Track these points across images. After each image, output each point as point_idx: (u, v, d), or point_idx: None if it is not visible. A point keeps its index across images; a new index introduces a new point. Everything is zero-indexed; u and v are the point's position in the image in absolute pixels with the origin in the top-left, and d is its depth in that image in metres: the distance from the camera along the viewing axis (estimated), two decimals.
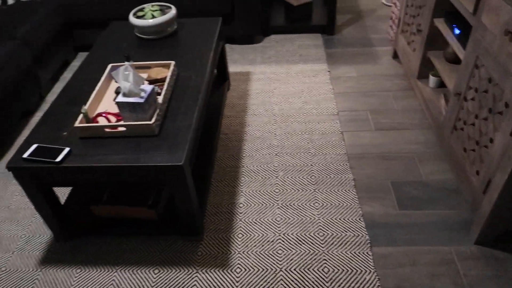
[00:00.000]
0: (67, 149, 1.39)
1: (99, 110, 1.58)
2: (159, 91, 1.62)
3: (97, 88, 1.60)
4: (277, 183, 1.81)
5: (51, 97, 2.49)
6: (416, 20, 2.16)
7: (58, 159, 1.35)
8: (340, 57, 2.64)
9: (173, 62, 1.71)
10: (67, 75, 2.69)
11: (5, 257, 1.61)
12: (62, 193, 1.85)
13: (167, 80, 1.61)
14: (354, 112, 2.18)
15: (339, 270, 1.46)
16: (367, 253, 1.50)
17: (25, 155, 1.38)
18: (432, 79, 2.05)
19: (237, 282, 1.45)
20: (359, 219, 1.63)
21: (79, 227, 1.63)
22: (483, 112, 1.43)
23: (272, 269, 1.48)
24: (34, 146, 1.41)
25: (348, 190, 1.75)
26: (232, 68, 2.60)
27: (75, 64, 2.80)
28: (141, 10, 2.07)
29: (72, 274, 1.52)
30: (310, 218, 1.65)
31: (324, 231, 1.59)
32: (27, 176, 1.39)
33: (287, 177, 1.83)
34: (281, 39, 2.88)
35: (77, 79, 1.79)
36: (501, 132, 1.30)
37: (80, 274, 1.52)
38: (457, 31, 1.73)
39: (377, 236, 1.57)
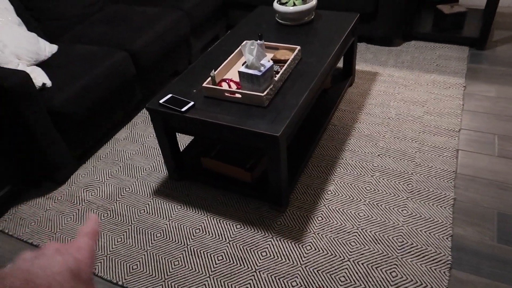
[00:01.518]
0: (192, 103, 1.65)
1: (225, 77, 1.82)
2: (279, 70, 1.78)
3: (229, 58, 1.84)
4: (371, 182, 1.81)
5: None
6: None
7: (183, 109, 1.62)
8: (483, 74, 2.42)
9: (298, 47, 1.85)
10: None
11: (131, 181, 1.99)
12: (184, 142, 2.18)
13: (288, 62, 1.75)
14: (480, 133, 2.01)
15: (407, 278, 1.43)
16: (444, 272, 1.43)
17: (161, 101, 1.69)
18: None
19: (305, 258, 1.54)
20: (447, 238, 1.54)
21: (189, 172, 1.91)
22: None
23: (340, 256, 1.53)
24: (169, 95, 1.72)
25: (444, 208, 1.65)
26: (361, 66, 2.62)
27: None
28: None
29: (173, 208, 1.81)
30: (394, 222, 1.62)
31: (404, 238, 1.56)
32: (159, 118, 1.70)
33: (382, 179, 1.82)
34: (421, 46, 2.76)
35: (217, 49, 2.06)
36: None
37: (179, 210, 1.80)
38: None
39: (461, 260, 1.47)
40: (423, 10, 3.07)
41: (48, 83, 1.92)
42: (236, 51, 1.90)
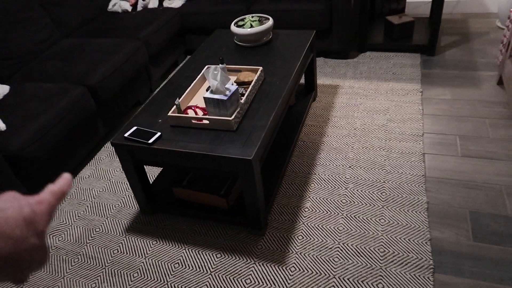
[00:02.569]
0: (158, 134, 1.61)
1: (190, 104, 1.79)
2: (244, 92, 1.77)
3: (192, 84, 1.82)
4: (346, 194, 1.82)
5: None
6: None
7: (150, 141, 1.57)
8: (437, 78, 2.53)
9: (260, 68, 1.85)
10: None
11: (101, 220, 1.89)
12: (153, 173, 2.11)
13: (253, 83, 1.75)
14: (442, 136, 2.08)
15: None
16: (428, 277, 1.44)
17: (126, 134, 1.63)
18: None
19: (290, 280, 1.51)
20: (426, 242, 1.56)
21: (162, 204, 1.85)
22: None
23: (325, 274, 1.51)
24: (134, 128, 1.66)
25: (419, 212, 1.68)
26: (322, 81, 2.67)
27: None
28: (242, 20, 2.26)
29: (149, 244, 1.74)
30: (373, 233, 1.63)
31: (385, 248, 1.57)
32: (125, 152, 1.64)
33: (357, 190, 1.83)
34: (376, 56, 2.86)
35: (178, 76, 2.03)
36: None
37: (155, 245, 1.72)
38: None
39: (442, 263, 1.49)
40: (374, 22, 3.20)
41: (2, 126, 1.82)
42: (199, 76, 1.88)
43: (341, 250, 1.59)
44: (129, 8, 3.11)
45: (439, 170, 1.88)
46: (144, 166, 2.07)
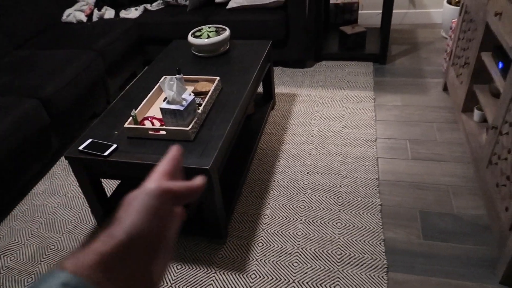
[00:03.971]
0: (114, 146, 1.59)
1: (147, 115, 1.78)
2: (201, 102, 1.78)
3: (148, 95, 1.81)
4: (304, 200, 1.86)
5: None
6: (465, 53, 2.14)
7: (106, 153, 1.55)
8: (388, 85, 2.66)
9: (218, 78, 1.88)
10: None
11: (56, 237, 1.83)
12: (111, 186, 2.07)
13: (210, 93, 1.77)
14: (393, 140, 2.18)
15: None
16: (382, 277, 1.50)
17: (81, 147, 1.60)
18: (476, 113, 2.01)
19: (251, 287, 1.52)
20: (380, 243, 1.63)
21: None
22: None
23: (285, 280, 1.53)
24: (89, 141, 1.63)
25: (373, 214, 1.75)
26: (280, 89, 2.73)
27: None
28: (199, 30, 2.28)
29: None
30: (331, 237, 1.68)
31: (342, 250, 1.62)
32: (80, 165, 1.61)
33: (314, 196, 1.88)
34: (332, 65, 2.96)
35: (135, 87, 2.02)
36: None
37: None
38: (500, 65, 1.70)
39: (395, 262, 1.56)
40: (329, 32, 3.31)
41: None
42: (156, 87, 1.88)
43: (300, 254, 1.62)
44: (84, 19, 3.05)
45: (391, 173, 1.97)
46: (101, 179, 2.03)
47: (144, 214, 0.35)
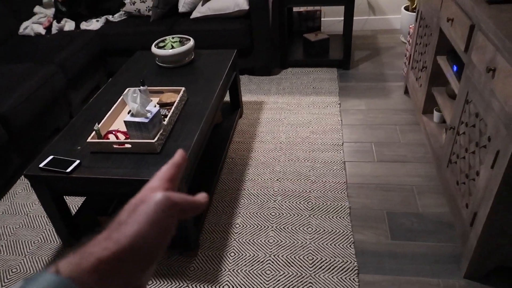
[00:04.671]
0: (77, 161, 1.54)
1: (111, 128, 1.74)
2: (166, 113, 1.76)
3: (112, 108, 1.77)
4: (275, 207, 1.87)
5: None
6: (423, 57, 2.23)
7: (69, 169, 1.50)
8: (352, 90, 2.72)
9: (183, 88, 1.86)
10: None
11: (18, 260, 1.75)
12: (76, 203, 2.00)
13: (175, 104, 1.75)
14: (359, 144, 2.23)
15: None
16: (353, 279, 1.52)
17: (41, 165, 1.54)
18: (436, 114, 2.09)
19: None
20: (350, 246, 1.65)
21: (87, 236, 1.75)
22: (472, 146, 1.46)
23: None
24: (50, 157, 1.58)
25: (343, 218, 1.78)
26: (247, 98, 2.74)
27: None
28: (163, 41, 2.26)
29: None
30: (302, 242, 1.69)
31: (313, 255, 1.63)
32: (41, 183, 1.54)
33: (285, 202, 1.89)
34: (297, 72, 3.01)
35: (98, 100, 1.97)
36: (484, 165, 1.33)
37: None
38: (455, 68, 1.78)
39: (365, 264, 1.58)
40: (293, 40, 3.36)
41: None
42: (119, 100, 1.84)
43: (273, 262, 1.62)
44: (43, 31, 2.96)
45: (358, 176, 2.01)
46: (65, 196, 1.96)
47: (150, 223, 0.34)
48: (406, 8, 3.19)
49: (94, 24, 3.01)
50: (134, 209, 0.36)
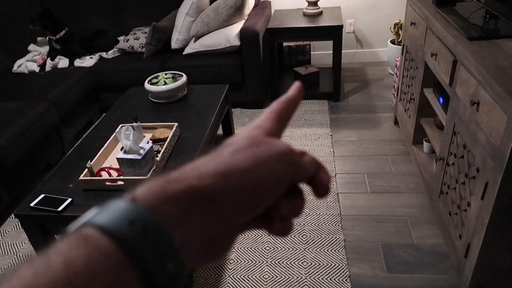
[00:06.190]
0: (69, 200, 1.53)
1: (104, 165, 1.74)
2: (159, 149, 1.77)
3: (105, 145, 1.78)
4: (269, 241, 1.85)
5: None
6: (410, 89, 2.28)
7: (60, 208, 1.49)
8: (343, 122, 2.77)
9: (176, 124, 1.88)
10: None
11: None
12: None
13: (168, 139, 1.77)
14: (352, 175, 2.24)
15: None
16: None
17: (32, 204, 1.53)
18: (425, 145, 2.12)
19: None
20: (346, 280, 1.63)
21: None
22: (462, 177, 1.48)
23: None
24: (41, 196, 1.56)
25: (338, 251, 1.77)
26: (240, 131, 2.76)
27: None
28: (156, 77, 2.30)
29: None
30: (297, 277, 1.67)
31: None
32: (32, 223, 1.53)
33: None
34: None
35: (91, 136, 1.98)
36: (475, 196, 1.34)
37: None
38: (441, 100, 1.82)
39: None
40: (283, 73, 3.44)
41: None
42: (112, 137, 1.85)
43: None
44: (37, 69, 3.00)
45: (352, 208, 2.01)
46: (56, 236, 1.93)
47: (263, 170, 0.28)
48: (392, 42, 3.30)
49: (88, 61, 3.06)
50: (251, 145, 0.30)
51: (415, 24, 2.13)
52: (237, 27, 2.85)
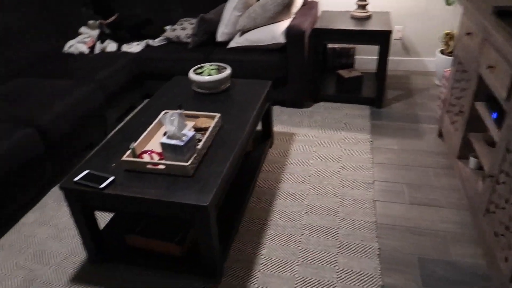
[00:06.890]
0: (111, 178, 1.56)
1: (146, 148, 1.77)
2: (201, 138, 1.79)
3: (148, 129, 1.81)
4: (301, 241, 1.83)
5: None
6: (460, 101, 2.20)
7: (102, 185, 1.52)
8: (385, 129, 2.70)
9: (218, 115, 1.89)
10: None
11: (44, 270, 1.76)
12: (104, 219, 2.02)
13: (210, 129, 1.78)
14: (390, 183, 2.18)
15: None
16: None
17: (76, 179, 1.57)
18: (472, 161, 2.03)
19: None
20: None
21: (112, 253, 1.75)
22: None
23: None
24: (85, 172, 1.61)
25: (372, 259, 1.72)
26: (278, 128, 2.75)
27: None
28: (201, 68, 2.32)
29: None
30: (328, 280, 1.64)
31: None
32: (74, 197, 1.57)
33: (312, 237, 1.85)
34: (329, 107, 3.01)
35: (135, 120, 2.02)
36: None
37: None
38: (495, 115, 1.74)
39: None
40: (326, 75, 3.40)
41: None
42: (155, 121, 1.88)
43: None
44: (86, 51, 3.09)
45: (389, 217, 1.96)
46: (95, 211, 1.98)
47: None
48: (442, 52, 3.19)
49: (135, 47, 3.13)
50: None
51: (470, 35, 2.04)
52: (283, 24, 2.84)
